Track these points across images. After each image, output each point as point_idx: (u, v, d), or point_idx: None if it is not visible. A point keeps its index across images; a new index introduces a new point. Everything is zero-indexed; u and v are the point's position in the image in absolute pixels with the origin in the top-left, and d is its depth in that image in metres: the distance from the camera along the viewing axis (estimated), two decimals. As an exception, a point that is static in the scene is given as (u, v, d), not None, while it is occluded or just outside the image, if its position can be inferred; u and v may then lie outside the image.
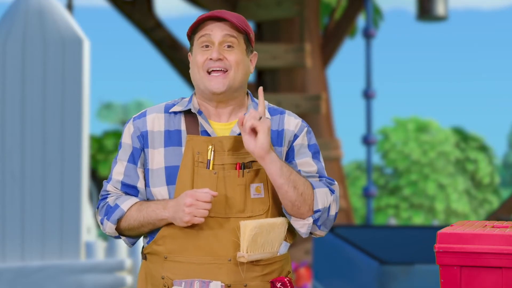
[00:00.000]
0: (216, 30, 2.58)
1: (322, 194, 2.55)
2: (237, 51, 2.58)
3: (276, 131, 2.63)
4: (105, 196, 2.66)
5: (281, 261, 2.61)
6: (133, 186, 2.63)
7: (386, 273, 5.23)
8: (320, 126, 11.68)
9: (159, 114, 2.63)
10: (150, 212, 2.56)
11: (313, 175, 2.61)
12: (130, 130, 2.64)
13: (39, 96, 6.57)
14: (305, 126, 2.66)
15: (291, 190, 2.50)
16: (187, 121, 2.61)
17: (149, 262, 2.62)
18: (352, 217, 12.26)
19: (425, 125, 31.34)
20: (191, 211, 2.47)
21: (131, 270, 7.00)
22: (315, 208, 2.53)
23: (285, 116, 2.65)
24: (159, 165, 2.58)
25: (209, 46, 2.58)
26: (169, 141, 2.59)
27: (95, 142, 19.68)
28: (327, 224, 2.58)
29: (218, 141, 2.56)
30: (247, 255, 2.48)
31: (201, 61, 2.57)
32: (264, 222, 2.52)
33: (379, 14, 17.08)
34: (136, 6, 12.62)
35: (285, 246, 2.61)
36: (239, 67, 2.58)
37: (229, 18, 2.57)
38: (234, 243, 2.52)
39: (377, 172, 30.67)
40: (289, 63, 10.89)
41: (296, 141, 2.63)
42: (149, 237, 2.62)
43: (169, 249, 2.56)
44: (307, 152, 2.64)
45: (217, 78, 2.56)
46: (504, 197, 30.40)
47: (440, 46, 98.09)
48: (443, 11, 12.96)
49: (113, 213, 2.60)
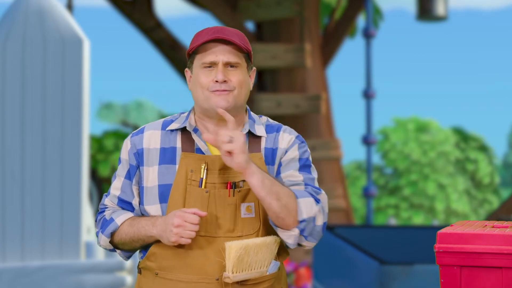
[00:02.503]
0: (220, 52, 2.58)
1: (306, 204, 2.52)
2: (240, 71, 2.59)
3: (271, 149, 2.63)
4: (103, 210, 2.70)
5: (271, 280, 2.60)
6: (129, 202, 2.66)
7: (386, 273, 5.23)
8: (320, 126, 11.68)
9: (155, 131, 2.64)
10: (140, 228, 2.58)
11: (298, 183, 2.59)
12: (127, 146, 2.66)
13: (39, 96, 6.57)
14: (298, 142, 2.65)
15: (274, 202, 2.48)
16: (183, 138, 2.62)
17: (143, 276, 2.64)
18: (352, 217, 12.26)
19: (425, 125, 31.34)
20: (178, 231, 2.48)
21: (131, 270, 7.00)
22: (299, 218, 2.51)
23: (280, 134, 2.65)
24: (153, 183, 2.60)
25: (212, 67, 2.58)
26: (164, 159, 2.60)
27: (95, 142, 19.66)
28: (315, 235, 2.55)
29: (210, 160, 2.56)
30: (233, 276, 2.49)
31: (205, 82, 2.58)
32: (251, 242, 2.51)
33: (379, 14, 17.07)
34: (136, 6, 12.62)
35: (275, 265, 2.60)
36: (243, 86, 2.60)
37: (234, 40, 2.57)
38: (221, 263, 2.53)
39: (377, 172, 30.67)
40: (289, 63, 10.88)
41: (286, 155, 2.63)
42: (143, 252, 2.65)
43: (159, 265, 2.58)
44: (295, 165, 2.62)
45: (221, 96, 2.56)
46: (504, 197, 30.40)
47: (440, 46, 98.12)
48: (443, 11, 12.96)
49: (107, 226, 2.63)
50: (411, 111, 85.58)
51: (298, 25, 11.54)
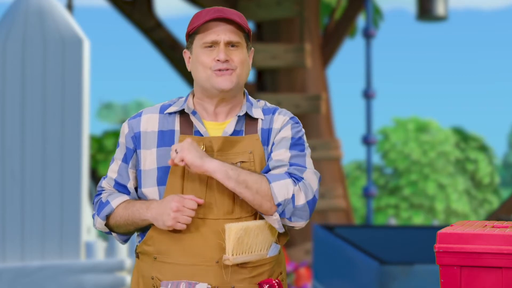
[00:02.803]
0: (222, 31, 2.58)
1: (280, 186, 2.50)
2: (241, 51, 2.60)
3: (267, 130, 2.63)
4: (100, 192, 2.72)
5: (271, 263, 2.60)
6: (124, 185, 2.67)
7: (386, 273, 5.23)
8: (320, 126, 11.68)
9: (153, 114, 2.65)
10: (134, 211, 2.58)
11: (283, 163, 2.57)
12: (125, 130, 2.67)
13: (39, 96, 6.57)
14: (291, 122, 2.64)
15: (244, 191, 2.49)
16: (182, 121, 2.63)
17: (141, 261, 2.64)
18: (352, 217, 12.25)
19: (425, 125, 31.33)
20: (176, 216, 2.49)
21: (131, 270, 7.00)
22: (275, 202, 2.49)
23: (275, 115, 2.65)
24: (151, 166, 2.60)
25: (213, 47, 2.59)
26: (162, 142, 2.61)
27: (95, 142, 19.67)
28: (299, 214, 2.52)
29: (208, 141, 2.56)
30: (232, 258, 2.48)
31: (207, 62, 2.58)
32: (251, 224, 2.51)
33: (379, 14, 17.07)
34: (136, 6, 12.62)
35: (275, 248, 2.59)
36: (244, 66, 2.61)
37: (235, 18, 2.57)
38: (220, 246, 2.52)
39: (377, 172, 30.66)
40: (289, 63, 10.88)
41: (278, 135, 2.62)
42: (141, 236, 2.65)
43: (157, 249, 2.58)
44: (286, 144, 2.60)
45: (224, 76, 2.57)
46: (504, 197, 30.40)
47: (440, 46, 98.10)
48: (443, 11, 12.96)
49: (103, 209, 2.65)
50: (411, 111, 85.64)
51: (298, 25, 11.54)
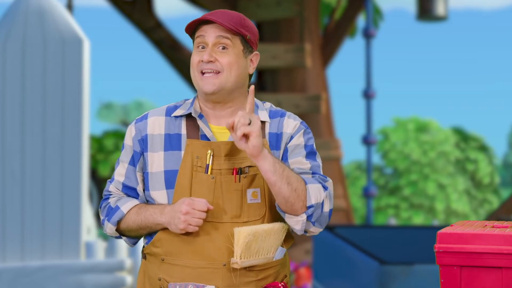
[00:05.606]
0: (210, 31, 2.58)
1: (315, 189, 2.53)
2: (231, 53, 2.58)
3: (275, 134, 2.63)
4: (107, 196, 2.70)
5: (277, 266, 2.61)
6: (133, 188, 2.66)
7: (386, 273, 5.23)
8: (320, 126, 11.68)
9: (160, 117, 2.64)
10: (148, 215, 2.58)
11: (306, 171, 2.59)
12: (132, 132, 2.66)
13: (39, 96, 6.57)
14: (303, 128, 2.65)
15: (284, 186, 2.48)
16: (188, 124, 2.62)
17: (148, 262, 2.64)
18: (352, 217, 12.26)
19: (425, 125, 31.34)
20: (187, 219, 2.49)
21: (131, 270, 7.00)
22: (308, 203, 2.51)
23: (285, 119, 2.65)
24: (158, 169, 2.60)
25: (205, 47, 2.59)
26: (169, 145, 2.60)
27: (95, 142, 19.67)
28: (321, 221, 2.55)
29: (216, 146, 2.57)
30: (241, 262, 2.49)
31: (195, 62, 2.59)
32: (260, 228, 2.52)
33: (379, 14, 17.07)
34: (136, 6, 12.62)
35: (281, 252, 2.60)
36: (232, 68, 2.58)
37: (220, 21, 2.56)
38: (228, 248, 2.53)
39: (377, 172, 30.67)
40: (289, 63, 10.88)
41: (291, 141, 2.63)
42: (148, 238, 2.65)
43: (165, 251, 2.58)
44: (302, 152, 2.62)
45: (208, 78, 2.57)
46: (504, 197, 30.40)
47: (440, 46, 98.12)
48: (443, 11, 12.97)
49: (113, 214, 2.63)
50: (411, 111, 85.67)
51: (298, 25, 11.54)
